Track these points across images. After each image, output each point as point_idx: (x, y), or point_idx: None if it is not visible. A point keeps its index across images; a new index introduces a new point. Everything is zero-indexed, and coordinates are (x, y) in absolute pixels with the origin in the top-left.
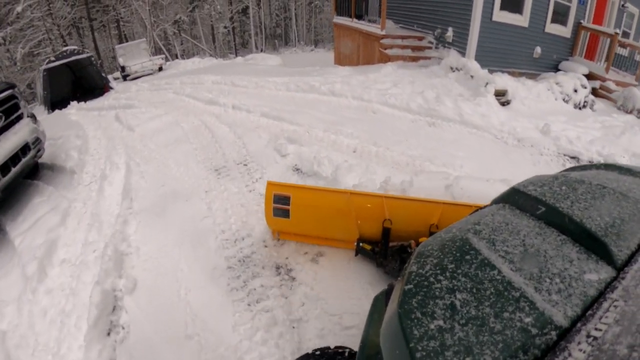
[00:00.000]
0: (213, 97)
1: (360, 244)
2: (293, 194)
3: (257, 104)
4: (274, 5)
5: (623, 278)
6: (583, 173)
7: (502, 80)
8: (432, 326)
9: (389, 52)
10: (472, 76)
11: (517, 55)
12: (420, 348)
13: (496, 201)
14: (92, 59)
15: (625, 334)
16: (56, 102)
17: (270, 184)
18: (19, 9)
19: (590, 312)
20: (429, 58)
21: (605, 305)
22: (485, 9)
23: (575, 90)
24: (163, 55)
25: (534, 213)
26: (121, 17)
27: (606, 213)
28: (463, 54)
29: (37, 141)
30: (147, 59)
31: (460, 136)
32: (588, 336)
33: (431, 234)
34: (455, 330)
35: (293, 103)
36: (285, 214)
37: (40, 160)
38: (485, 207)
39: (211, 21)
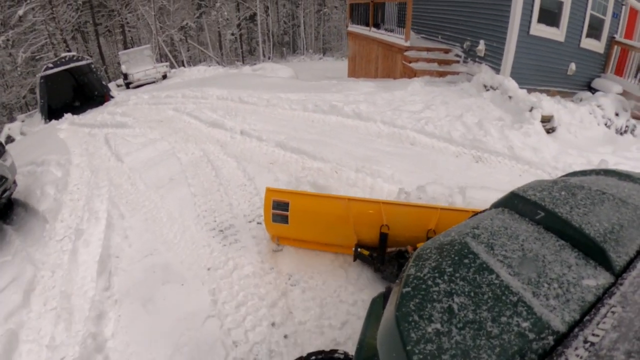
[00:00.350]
0: (218, 118)
1: (359, 250)
2: (292, 200)
3: (270, 129)
4: (281, 13)
5: (621, 284)
6: (582, 179)
7: (548, 104)
8: (429, 329)
9: (414, 65)
10: (510, 97)
11: (551, 72)
12: (417, 351)
13: (495, 205)
14: (92, 66)
15: (623, 340)
16: (57, 110)
17: (269, 190)
18: (20, 12)
19: (587, 317)
20: (457, 73)
21: (603, 311)
22: (523, 21)
23: (617, 114)
24: (167, 63)
25: (533, 218)
26: (127, 22)
27: (605, 219)
28: (497, 70)
29: (1, 180)
30: (151, 67)
31: (513, 176)
32: (585, 342)
33: (428, 239)
34: (453, 334)
35: (313, 128)
36: (284, 219)
37: (14, 195)
38: (484, 211)
39: (218, 28)
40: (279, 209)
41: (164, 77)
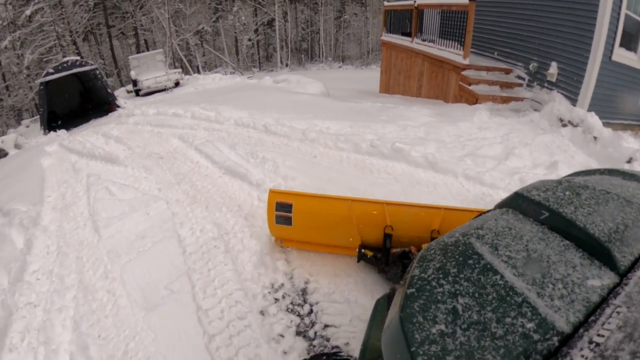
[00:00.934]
0: (238, 161)
1: (362, 251)
2: (295, 202)
3: (315, 186)
4: (300, 19)
5: (626, 284)
6: (587, 178)
7: None
8: (433, 330)
9: (475, 88)
10: (595, 137)
11: (625, 103)
12: (421, 352)
13: (500, 206)
14: (98, 72)
15: (628, 340)
16: (62, 116)
17: (272, 192)
18: (27, 12)
19: (592, 318)
20: (521, 99)
21: (608, 311)
22: (607, 44)
23: None
24: (180, 69)
25: (537, 218)
26: (141, 25)
27: (610, 219)
28: (572, 100)
29: None
30: (162, 73)
31: None
32: (590, 342)
33: (432, 239)
34: (457, 335)
35: (375, 186)
36: (288, 221)
37: None
38: (488, 211)
39: (235, 33)
40: (282, 210)
41: (177, 84)
